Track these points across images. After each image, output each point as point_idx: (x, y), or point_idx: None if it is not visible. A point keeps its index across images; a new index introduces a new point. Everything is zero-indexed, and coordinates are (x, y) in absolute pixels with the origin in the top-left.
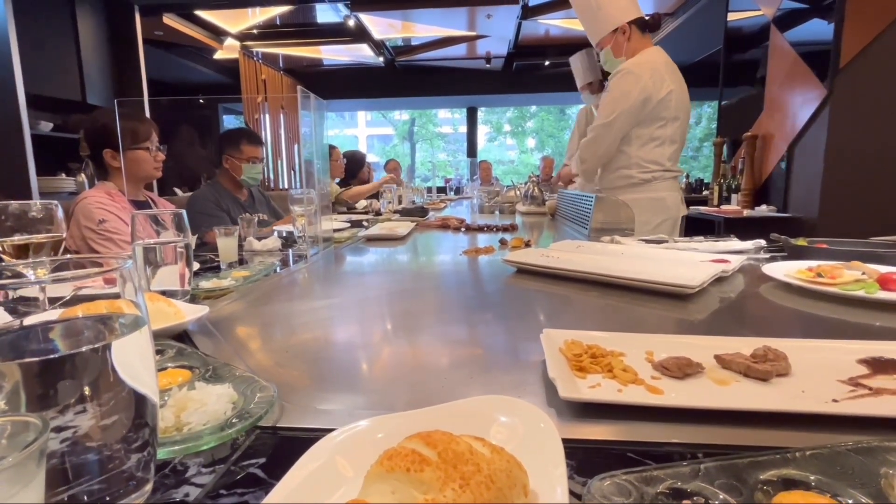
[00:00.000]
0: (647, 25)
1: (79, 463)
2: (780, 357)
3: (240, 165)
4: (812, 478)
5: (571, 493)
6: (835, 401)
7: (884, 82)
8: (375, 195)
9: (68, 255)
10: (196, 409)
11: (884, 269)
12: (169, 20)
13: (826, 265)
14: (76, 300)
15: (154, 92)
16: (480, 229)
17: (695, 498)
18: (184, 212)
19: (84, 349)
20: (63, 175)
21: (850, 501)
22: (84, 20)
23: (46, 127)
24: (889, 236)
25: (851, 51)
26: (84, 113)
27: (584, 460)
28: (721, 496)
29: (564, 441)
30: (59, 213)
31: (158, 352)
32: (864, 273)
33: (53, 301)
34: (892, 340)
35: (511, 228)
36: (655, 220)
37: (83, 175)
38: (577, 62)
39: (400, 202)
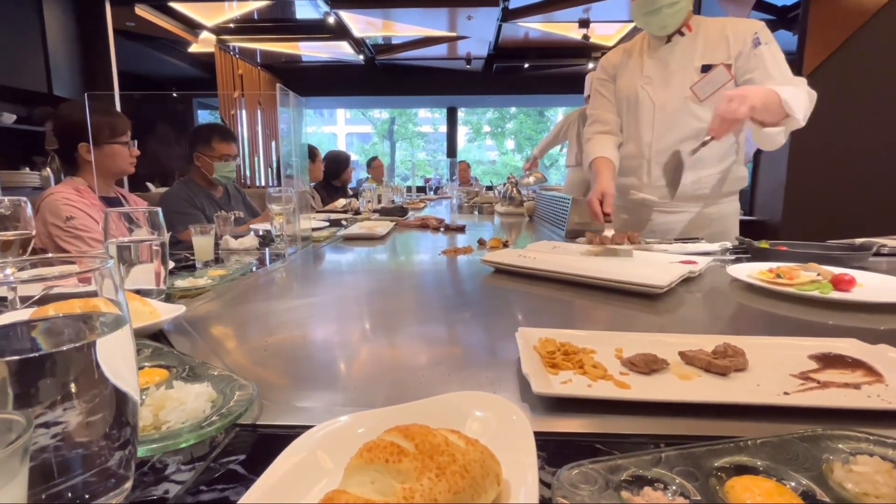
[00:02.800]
0: None
1: (61, 460)
2: (739, 353)
3: (211, 163)
4: (760, 464)
5: (542, 482)
6: (786, 393)
7: (843, 92)
8: (355, 194)
9: (43, 255)
10: (175, 408)
11: (837, 270)
12: (141, 11)
13: (785, 267)
14: (48, 299)
15: (125, 85)
16: (437, 229)
17: (655, 484)
18: (159, 209)
19: (73, 346)
20: (27, 169)
21: (793, 483)
22: (51, 8)
23: (9, 119)
24: (845, 239)
25: (813, 62)
26: (50, 105)
27: (555, 452)
28: (678, 481)
29: (537, 434)
30: (29, 209)
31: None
32: (819, 274)
33: (24, 300)
34: (841, 337)
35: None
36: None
37: (48, 169)
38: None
39: (379, 201)
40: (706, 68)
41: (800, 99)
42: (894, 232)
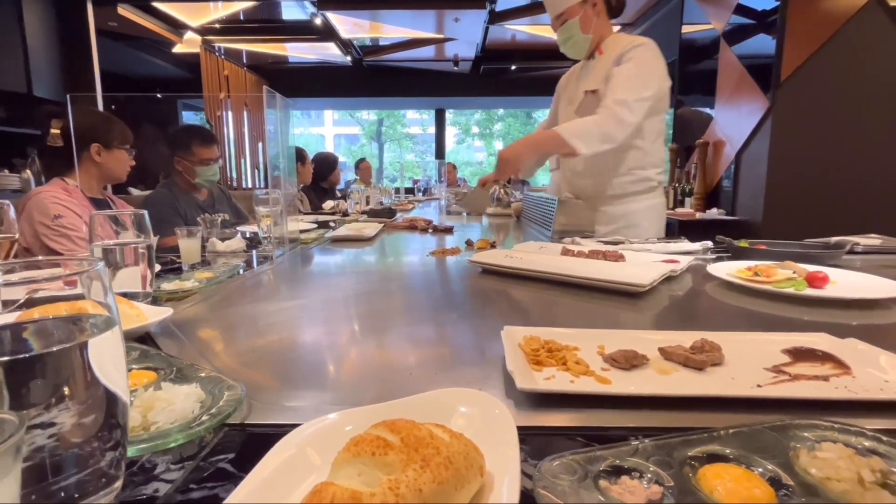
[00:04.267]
0: (612, 7)
1: (53, 461)
2: (715, 348)
3: (192, 168)
4: (731, 452)
5: (525, 473)
6: (759, 386)
7: (820, 96)
8: (344, 196)
9: (30, 258)
10: (163, 409)
11: (812, 268)
12: (124, 11)
13: (763, 265)
14: (33, 303)
15: (108, 86)
16: (426, 230)
17: (632, 473)
18: (145, 212)
19: (66, 346)
20: (6, 171)
21: (760, 469)
22: (31, 7)
23: None
24: (821, 238)
25: (791, 65)
26: (31, 106)
27: (539, 445)
28: (652, 469)
29: (521, 428)
30: (12, 212)
31: None
32: (794, 272)
33: (8, 304)
34: (813, 332)
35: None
36: (658, 226)
37: (28, 172)
38: None
39: (367, 203)
40: (587, 93)
41: (583, 130)
42: (869, 231)
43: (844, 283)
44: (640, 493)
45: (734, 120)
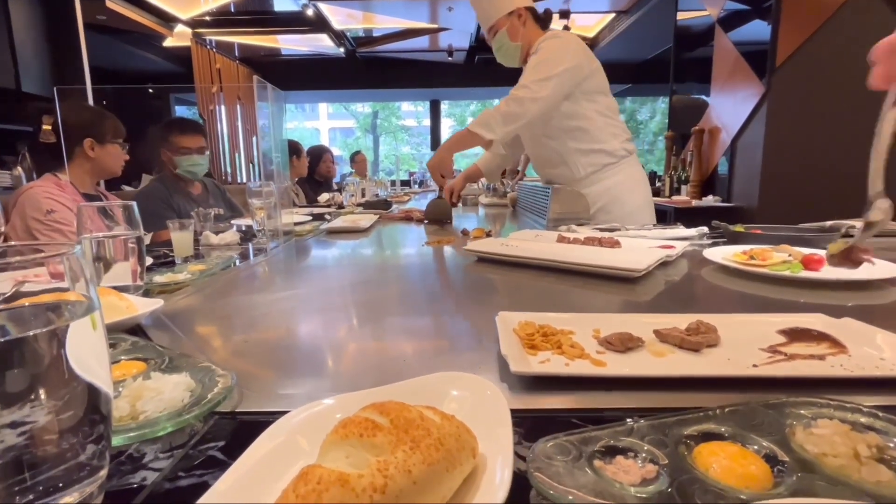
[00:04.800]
0: (540, 18)
1: (30, 456)
2: (711, 330)
3: (173, 158)
4: (726, 430)
5: (518, 455)
6: (755, 366)
7: (815, 81)
8: (339, 189)
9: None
10: (152, 398)
11: (807, 251)
12: (112, 4)
13: (758, 249)
14: (18, 296)
15: (98, 80)
16: (421, 220)
17: (627, 453)
18: (134, 204)
19: (38, 331)
20: None
21: (756, 447)
22: (17, 1)
23: None
24: (816, 222)
25: (786, 51)
26: (20, 102)
27: (533, 428)
28: (646, 448)
29: (515, 411)
30: None
31: (111, 345)
32: (790, 255)
33: None
34: (809, 313)
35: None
36: (642, 195)
37: (19, 168)
38: None
39: (363, 195)
40: None
41: (488, 117)
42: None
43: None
44: (635, 473)
45: (730, 106)
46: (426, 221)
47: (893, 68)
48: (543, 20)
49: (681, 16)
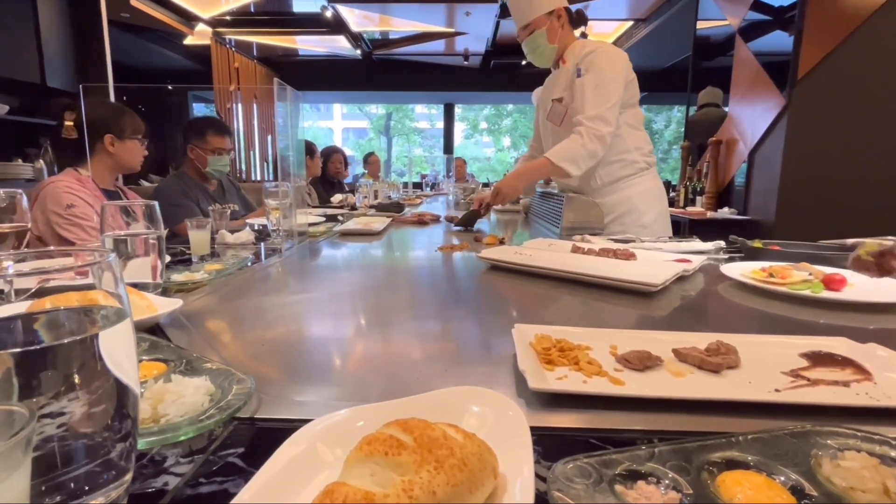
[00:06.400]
0: (573, 19)
1: (63, 451)
2: (731, 351)
3: (205, 157)
4: (751, 458)
5: (538, 475)
6: (777, 391)
7: (838, 94)
8: (352, 190)
9: (42, 248)
10: (173, 401)
11: (829, 270)
12: (137, 2)
13: (777, 266)
14: (44, 292)
15: (120, 77)
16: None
17: (648, 478)
18: (156, 203)
19: (77, 338)
20: (20, 161)
21: (782, 478)
22: None
23: (2, 110)
24: (837, 240)
25: (809, 63)
26: (44, 97)
27: (551, 446)
28: (671, 475)
29: (532, 429)
30: (24, 201)
31: None
32: (810, 274)
33: (20, 293)
34: (831, 336)
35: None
36: (658, 209)
37: (41, 161)
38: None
39: (376, 197)
40: (555, 101)
41: (570, 152)
42: (886, 233)
43: (862, 285)
44: (658, 499)
45: (748, 118)
46: (456, 226)
47: None
48: (577, 21)
49: (700, 25)
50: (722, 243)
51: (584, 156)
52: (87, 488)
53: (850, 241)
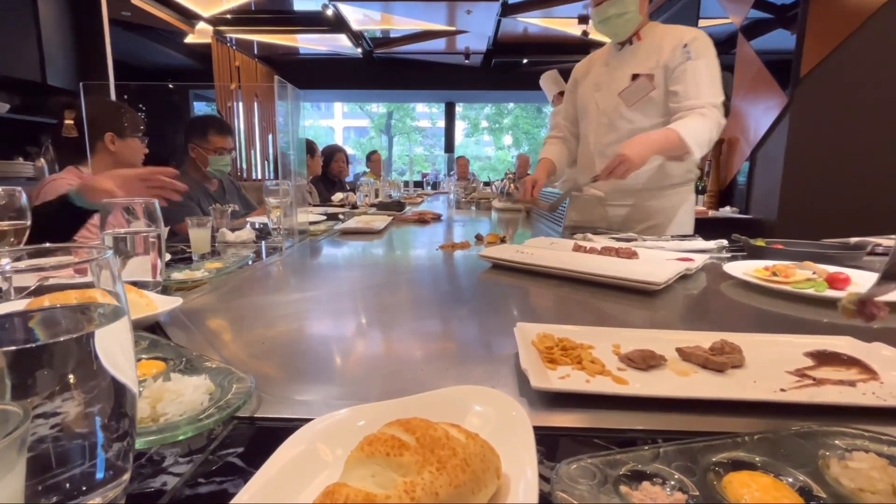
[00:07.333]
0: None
1: (59, 451)
2: (736, 350)
3: (206, 156)
4: (758, 459)
5: (541, 476)
6: (782, 390)
7: (840, 93)
8: (353, 189)
9: (39, 245)
10: (172, 400)
11: (832, 268)
12: (137, 0)
13: (781, 265)
14: (43, 290)
15: (121, 76)
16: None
17: (653, 479)
18: (156, 201)
19: (71, 336)
20: (20, 159)
21: (790, 479)
22: None
23: (3, 108)
24: (840, 238)
25: (811, 61)
26: (45, 95)
27: (554, 446)
28: (676, 476)
29: (535, 429)
30: (24, 199)
31: None
32: (814, 273)
33: (19, 291)
34: (836, 335)
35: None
36: (688, 227)
37: (42, 160)
38: (547, 80)
39: (377, 196)
40: (635, 77)
41: (699, 134)
42: (888, 232)
43: (866, 284)
44: (663, 500)
45: (751, 117)
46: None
47: None
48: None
49: (702, 23)
50: (724, 242)
51: (708, 141)
52: (84, 488)
53: (853, 239)
